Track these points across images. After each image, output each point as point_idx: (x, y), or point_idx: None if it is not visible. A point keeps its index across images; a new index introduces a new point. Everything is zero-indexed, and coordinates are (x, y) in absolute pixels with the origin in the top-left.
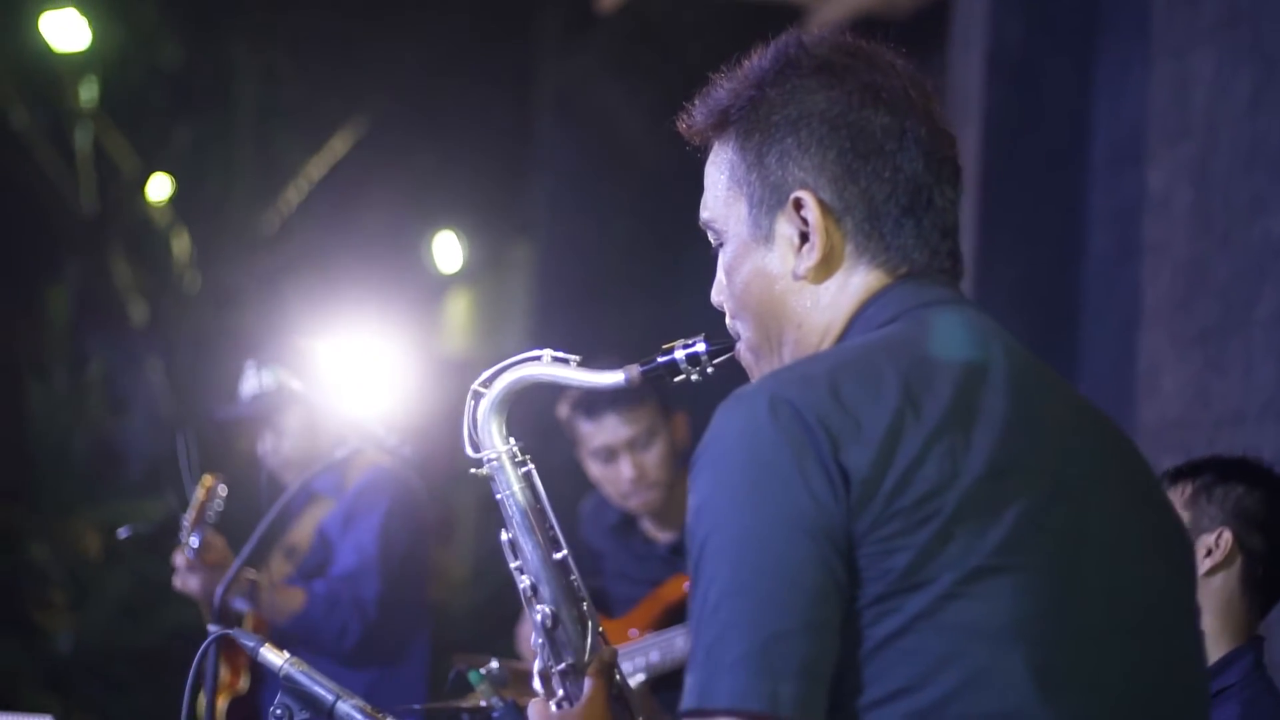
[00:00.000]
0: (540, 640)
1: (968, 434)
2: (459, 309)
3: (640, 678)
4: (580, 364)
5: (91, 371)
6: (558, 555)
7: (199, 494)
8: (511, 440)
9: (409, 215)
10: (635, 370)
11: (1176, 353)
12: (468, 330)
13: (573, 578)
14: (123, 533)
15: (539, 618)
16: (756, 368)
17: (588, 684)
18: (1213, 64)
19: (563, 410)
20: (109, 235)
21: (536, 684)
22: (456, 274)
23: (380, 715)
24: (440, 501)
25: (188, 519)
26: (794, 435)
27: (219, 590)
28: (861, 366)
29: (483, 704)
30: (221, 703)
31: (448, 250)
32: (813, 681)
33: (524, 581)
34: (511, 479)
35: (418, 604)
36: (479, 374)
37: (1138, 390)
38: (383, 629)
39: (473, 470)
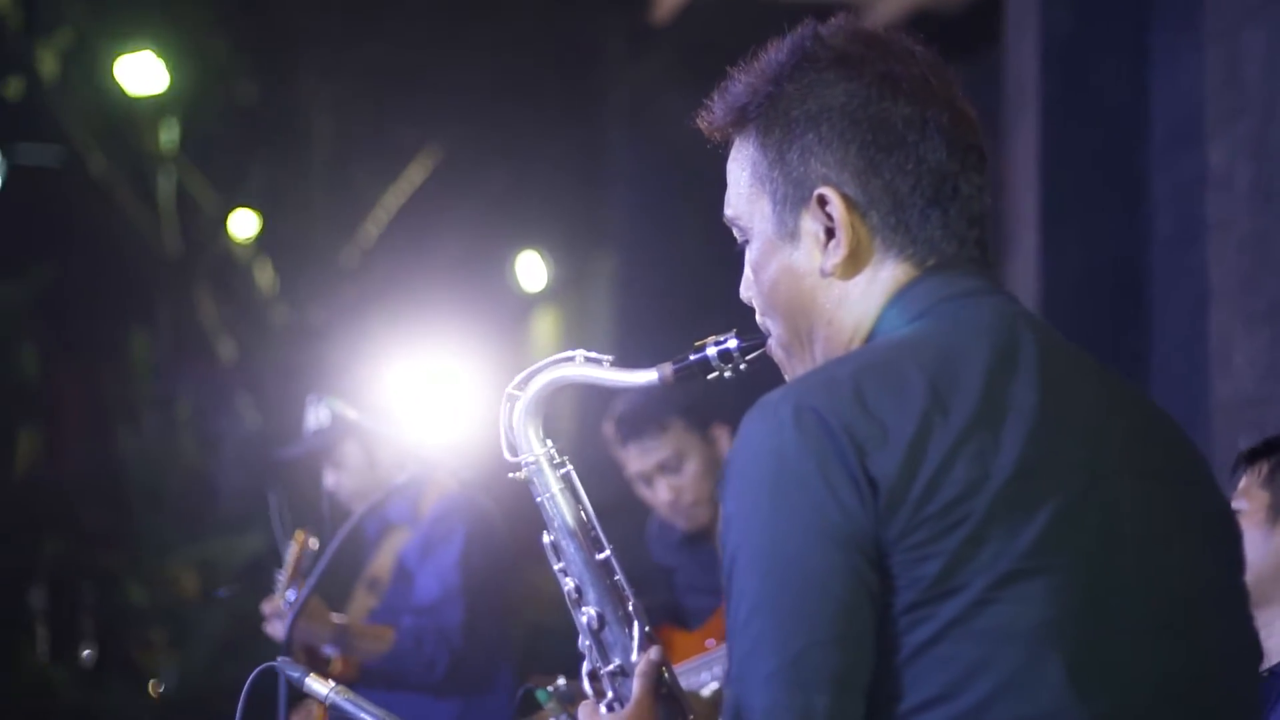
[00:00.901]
0: (587, 642)
1: (996, 434)
2: (545, 327)
3: (714, 686)
4: (613, 364)
5: (180, 412)
6: (600, 556)
7: (293, 549)
8: (549, 442)
9: (489, 237)
10: (668, 368)
11: (1246, 329)
12: (555, 347)
13: (617, 578)
14: (221, 594)
15: (585, 619)
16: (788, 364)
17: (636, 684)
18: (1264, 41)
19: (606, 430)
20: (193, 275)
21: (586, 686)
22: (541, 292)
23: None
24: (531, 520)
25: (283, 574)
26: (819, 444)
27: (287, 622)
28: (887, 369)
29: None
30: None
31: (531, 269)
32: (846, 693)
33: (568, 584)
34: (550, 481)
35: (500, 632)
36: (564, 394)
37: (1210, 369)
38: (468, 658)
39: (511, 475)
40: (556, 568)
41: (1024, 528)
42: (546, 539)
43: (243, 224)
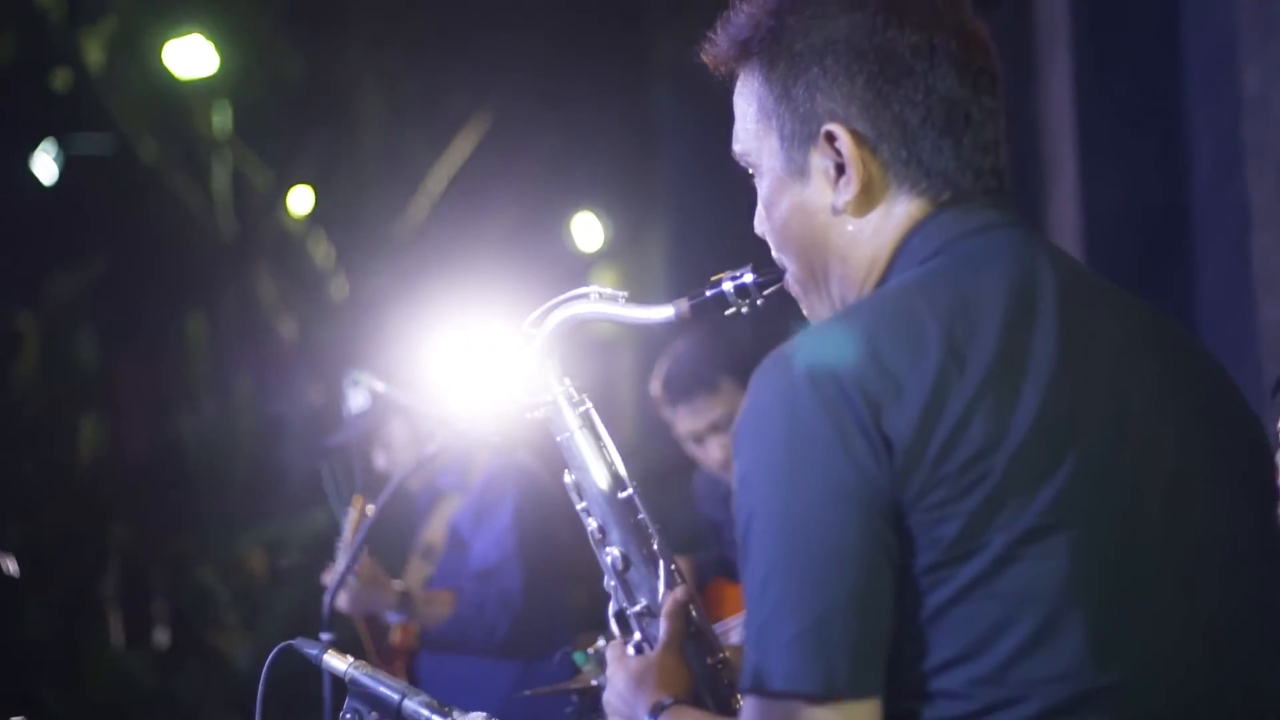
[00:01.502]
0: (613, 583)
1: (1015, 387)
2: (604, 286)
3: None
4: (629, 300)
5: (240, 393)
6: (623, 494)
7: (352, 516)
8: (566, 380)
9: (544, 200)
10: (684, 304)
11: None
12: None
13: (640, 516)
14: (283, 564)
15: (609, 560)
16: (805, 300)
17: (663, 625)
18: None
19: (653, 391)
20: (250, 255)
21: (613, 626)
22: (599, 252)
23: (447, 709)
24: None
25: (343, 542)
26: (832, 404)
27: (328, 594)
28: (901, 320)
29: (593, 683)
30: None
31: (588, 230)
32: (867, 656)
33: (591, 524)
34: (569, 419)
35: (561, 592)
36: (623, 352)
37: (1256, 292)
38: (529, 620)
39: (528, 415)
40: (579, 507)
41: (1044, 485)
42: (567, 478)
43: (297, 201)
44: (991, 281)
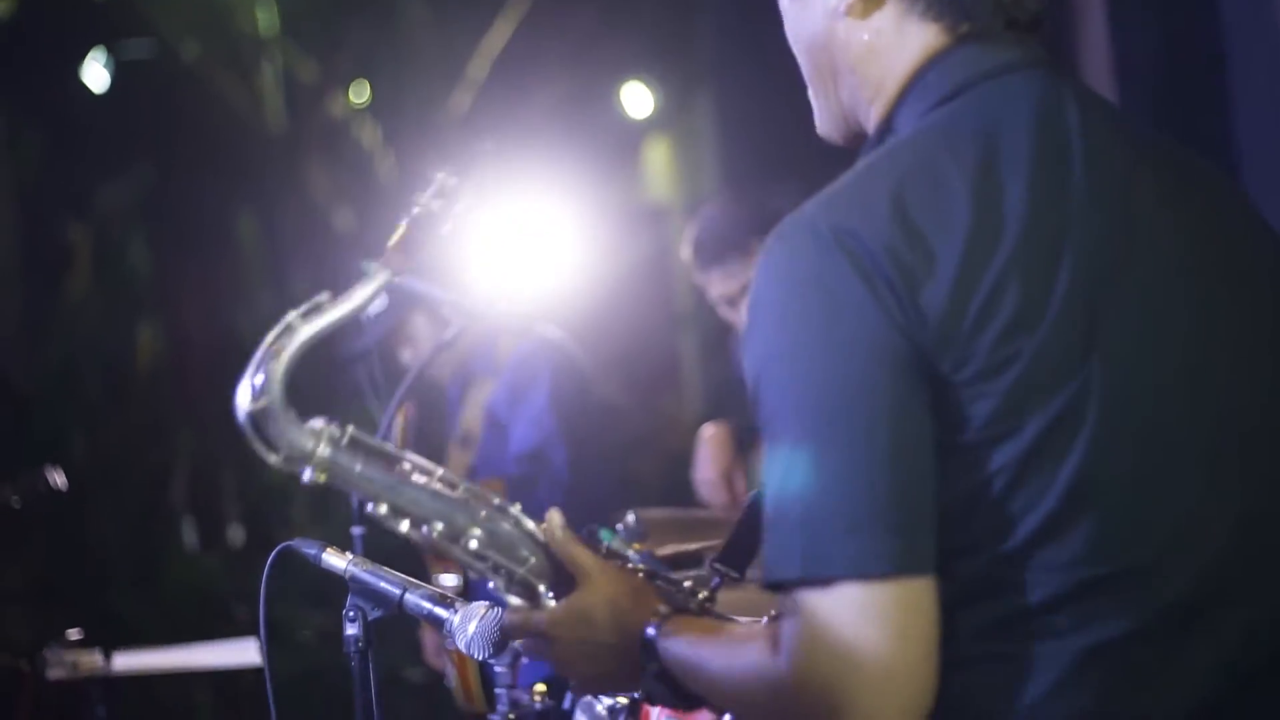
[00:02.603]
0: (489, 560)
1: (1046, 256)
2: (658, 155)
3: None
4: (332, 297)
5: (297, 287)
6: (435, 483)
7: (399, 423)
8: (317, 423)
9: (590, 74)
10: (387, 252)
11: None
12: (667, 176)
13: (461, 487)
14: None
15: (473, 545)
16: (815, 108)
17: (563, 553)
18: None
19: (684, 256)
20: (300, 149)
21: (511, 599)
22: (650, 119)
23: (449, 599)
24: (660, 348)
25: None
26: (863, 267)
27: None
28: (927, 179)
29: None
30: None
31: (637, 98)
32: (929, 529)
33: (437, 528)
34: (349, 463)
35: (609, 469)
36: (678, 222)
37: None
38: (580, 498)
39: (306, 479)
40: (407, 532)
41: (1076, 365)
42: (380, 510)
43: (344, 89)
44: (1020, 135)
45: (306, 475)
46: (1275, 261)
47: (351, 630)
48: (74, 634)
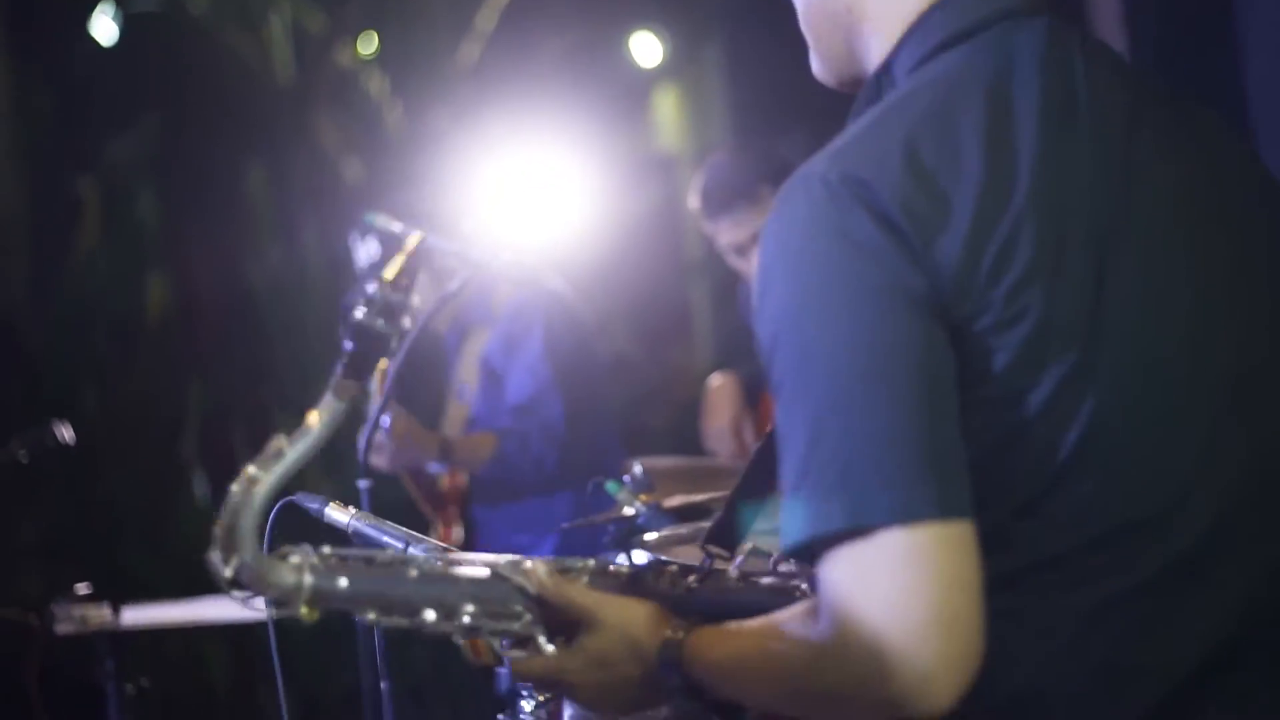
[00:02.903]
0: (483, 627)
1: (1058, 209)
2: (667, 105)
3: None
4: (291, 436)
5: (307, 238)
6: (416, 571)
7: (376, 378)
8: (295, 557)
9: (599, 23)
10: (336, 379)
11: None
12: (676, 126)
13: (437, 561)
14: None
15: (465, 621)
16: (810, 47)
17: (558, 595)
18: None
19: (691, 205)
20: (308, 100)
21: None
22: (659, 68)
23: (453, 550)
24: (668, 298)
25: (373, 404)
26: (879, 215)
27: (362, 439)
28: (938, 129)
29: (628, 512)
30: None
31: (646, 47)
32: (967, 476)
33: (429, 617)
34: (332, 584)
35: (605, 420)
36: (686, 171)
37: None
38: (577, 448)
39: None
40: (402, 624)
41: (1089, 319)
42: (369, 618)
43: (352, 40)
44: (1026, 83)
45: (302, 613)
46: (1275, 211)
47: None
48: (83, 588)
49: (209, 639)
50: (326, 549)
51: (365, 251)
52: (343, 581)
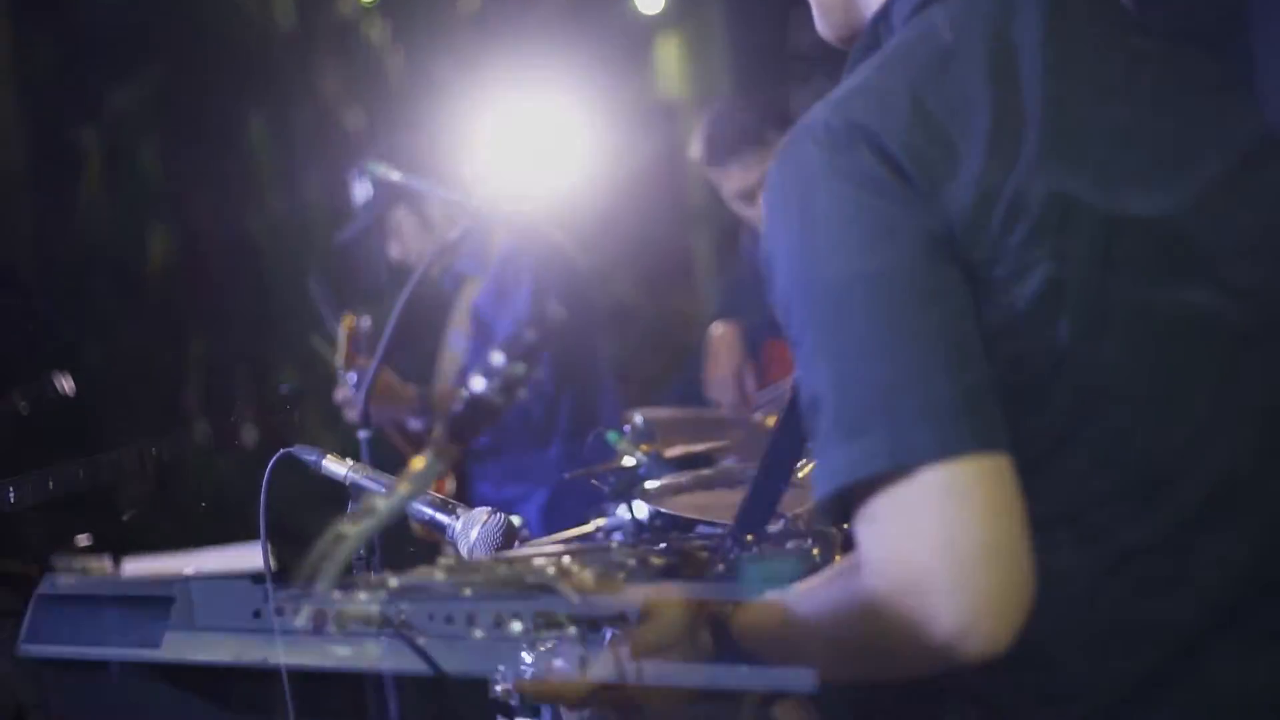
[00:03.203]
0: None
1: (1070, 159)
2: (668, 53)
3: None
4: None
5: (309, 188)
6: (475, 580)
7: (342, 334)
8: (363, 593)
9: None
10: (439, 441)
11: None
12: (678, 73)
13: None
14: (283, 389)
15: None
16: (814, 2)
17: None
18: None
19: (694, 153)
20: (310, 47)
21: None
22: (660, 16)
23: (451, 505)
24: (671, 243)
25: (338, 359)
26: (886, 159)
27: (361, 395)
28: (944, 76)
29: (628, 462)
30: None
31: None
32: (999, 410)
33: (476, 634)
34: (399, 610)
35: (597, 371)
36: (689, 118)
37: None
38: (567, 399)
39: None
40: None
41: (1101, 268)
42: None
43: None
44: (1028, 30)
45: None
46: (1266, 150)
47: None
48: (83, 540)
49: None
50: (393, 581)
51: (360, 191)
52: (404, 608)
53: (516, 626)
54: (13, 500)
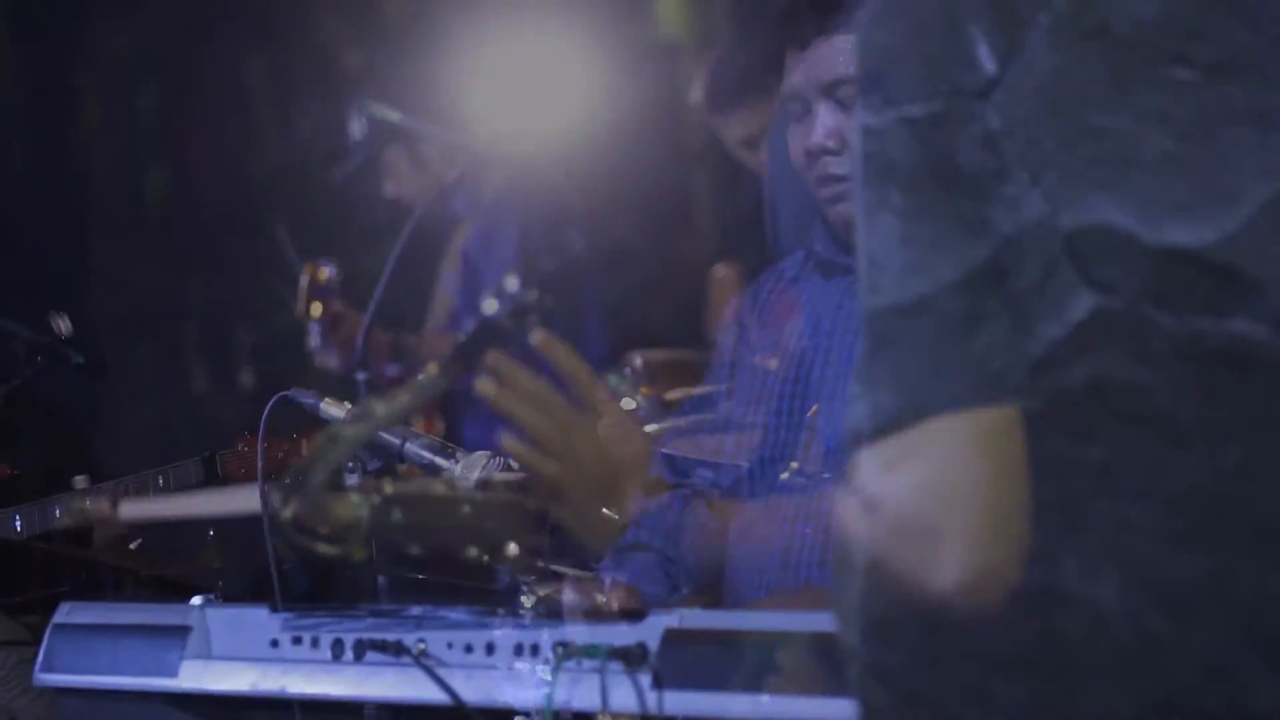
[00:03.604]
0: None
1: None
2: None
3: None
4: (383, 403)
5: (307, 129)
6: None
7: (302, 282)
8: (355, 495)
9: None
10: (448, 359)
11: None
12: (679, 13)
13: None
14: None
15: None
16: None
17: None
18: None
19: (696, 99)
20: None
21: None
22: None
23: (450, 448)
24: (670, 188)
25: (299, 308)
26: None
27: (358, 341)
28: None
29: (628, 405)
30: None
31: None
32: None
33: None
34: (392, 517)
35: (588, 317)
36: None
37: None
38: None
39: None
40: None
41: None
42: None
43: None
44: None
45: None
46: None
47: (352, 481)
48: (81, 481)
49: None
50: (388, 487)
51: (356, 129)
52: (397, 516)
53: (510, 549)
54: (19, 529)
